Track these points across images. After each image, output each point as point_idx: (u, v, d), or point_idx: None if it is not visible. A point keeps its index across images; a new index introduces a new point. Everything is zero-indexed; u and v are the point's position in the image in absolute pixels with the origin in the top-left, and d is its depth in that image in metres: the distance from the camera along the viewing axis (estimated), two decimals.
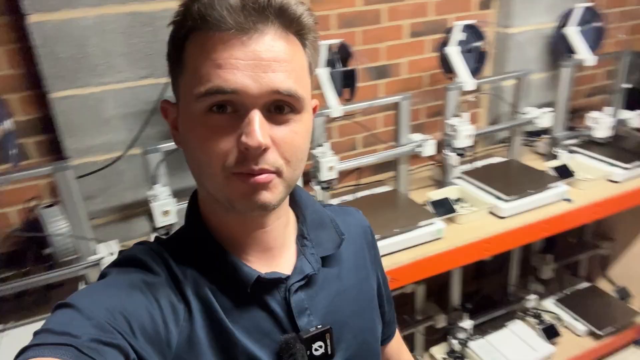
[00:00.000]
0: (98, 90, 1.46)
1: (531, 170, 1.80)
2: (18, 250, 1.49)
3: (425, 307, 2.01)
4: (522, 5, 2.03)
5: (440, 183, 1.83)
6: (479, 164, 1.94)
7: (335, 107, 1.51)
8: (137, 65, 1.49)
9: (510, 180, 1.76)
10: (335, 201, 1.70)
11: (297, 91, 0.54)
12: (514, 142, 1.90)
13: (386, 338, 0.86)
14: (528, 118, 1.82)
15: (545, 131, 1.99)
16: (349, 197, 1.75)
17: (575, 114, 2.18)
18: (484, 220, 1.60)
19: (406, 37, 1.97)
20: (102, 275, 0.57)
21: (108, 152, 1.53)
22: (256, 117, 0.52)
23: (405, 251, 1.47)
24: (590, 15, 1.93)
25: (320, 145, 1.49)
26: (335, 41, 1.51)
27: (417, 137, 1.65)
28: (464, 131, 1.62)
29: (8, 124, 1.18)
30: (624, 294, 2.21)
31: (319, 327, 0.62)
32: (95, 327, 0.47)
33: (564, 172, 1.75)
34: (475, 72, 1.73)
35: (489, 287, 2.18)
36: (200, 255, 0.60)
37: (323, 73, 1.53)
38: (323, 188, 1.50)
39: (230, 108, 0.53)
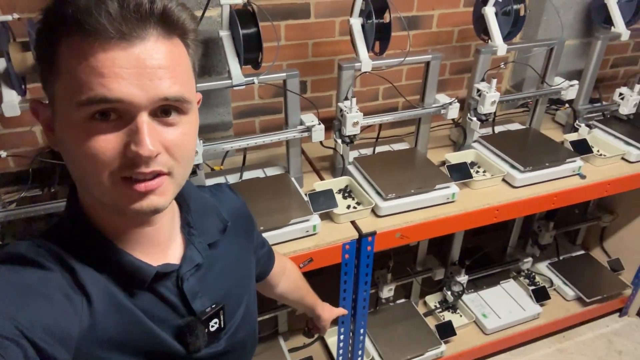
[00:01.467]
0: None
1: (550, 142, 1.81)
2: (46, 169, 1.52)
3: (426, 259, 2.09)
4: None
5: (458, 145, 1.84)
6: (498, 128, 1.94)
7: (366, 61, 1.49)
8: None
9: (528, 150, 1.77)
10: (354, 154, 1.72)
11: (184, 95, 0.54)
12: (537, 111, 1.89)
13: (268, 268, 0.99)
14: (554, 89, 1.80)
15: (568, 101, 1.97)
16: (367, 151, 1.77)
17: (598, 85, 2.15)
18: (497, 187, 1.64)
19: None
20: None
21: None
22: (144, 124, 0.51)
23: (418, 211, 1.51)
24: None
25: (347, 99, 1.49)
26: None
27: (443, 98, 1.64)
28: (490, 97, 1.61)
29: None
30: (616, 265, 2.30)
31: (213, 306, 0.67)
32: None
33: (583, 148, 1.76)
34: (509, 36, 1.68)
35: (488, 245, 2.26)
36: (90, 250, 0.59)
37: (355, 24, 1.49)
38: (345, 142, 1.52)
39: (115, 115, 0.51)
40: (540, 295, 2.15)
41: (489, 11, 1.64)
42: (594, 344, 2.18)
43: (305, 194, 1.45)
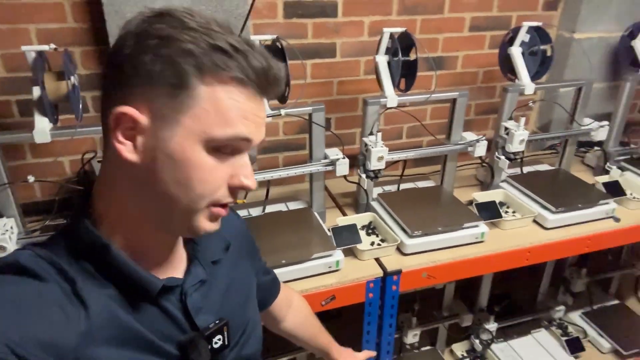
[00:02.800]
0: None
1: (581, 183, 1.75)
2: (71, 199, 1.53)
3: (453, 304, 2.00)
4: (590, 11, 1.95)
5: (485, 184, 1.80)
6: (527, 169, 1.90)
7: (392, 96, 1.49)
8: None
9: (559, 191, 1.72)
10: (377, 190, 1.70)
11: None
12: (566, 152, 1.85)
13: (271, 297, 1.00)
14: (584, 129, 1.76)
15: (597, 143, 1.93)
16: (391, 188, 1.74)
17: (629, 128, 2.11)
18: (527, 228, 1.58)
19: (466, 30, 1.92)
20: None
21: None
22: (248, 160, 0.61)
23: (445, 250, 1.46)
24: None
25: (372, 134, 1.48)
26: (398, 29, 1.47)
27: (470, 136, 1.62)
28: (518, 136, 1.59)
29: (75, 79, 1.19)
30: None
31: (216, 322, 0.68)
32: None
33: (615, 190, 1.70)
34: (536, 76, 1.68)
35: (517, 292, 2.16)
36: (97, 261, 0.59)
37: (381, 61, 1.51)
38: (369, 177, 1.49)
39: (228, 149, 0.58)
40: (575, 346, 2.02)
41: (516, 51, 1.65)
42: None
43: (328, 229, 1.42)
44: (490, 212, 1.55)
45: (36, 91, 1.16)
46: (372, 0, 1.73)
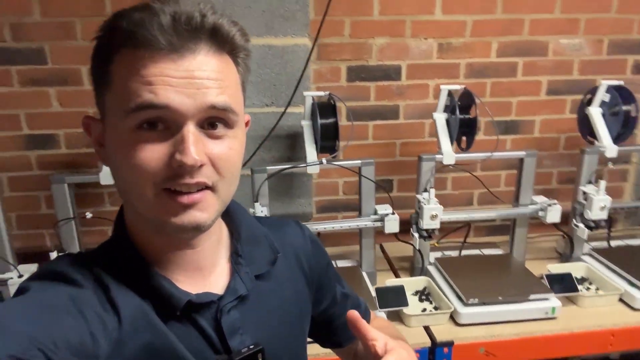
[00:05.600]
0: None
1: None
2: None
3: None
4: None
5: (565, 257, 1.60)
6: (616, 243, 1.67)
7: (448, 153, 1.43)
8: (263, 94, 1.58)
9: None
10: (435, 254, 1.59)
11: (231, 105, 0.53)
12: None
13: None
14: None
15: None
16: (452, 253, 1.62)
17: None
18: (611, 308, 1.35)
19: (543, 94, 1.82)
20: (21, 290, 0.52)
21: None
22: (190, 134, 0.51)
23: (508, 324, 1.29)
24: None
25: (425, 191, 1.41)
26: (456, 87, 1.44)
27: (541, 199, 1.48)
28: (598, 201, 1.41)
29: None
30: None
31: (251, 347, 0.60)
32: (15, 343, 0.44)
33: None
34: (620, 138, 1.52)
35: None
36: (128, 271, 0.57)
37: (439, 118, 1.47)
38: (422, 237, 1.41)
39: (162, 125, 0.52)
40: None
41: (594, 111, 1.52)
42: None
43: (375, 290, 1.33)
44: (565, 284, 1.36)
45: None
46: (438, 64, 1.74)
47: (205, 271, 0.62)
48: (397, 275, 1.54)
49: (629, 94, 1.49)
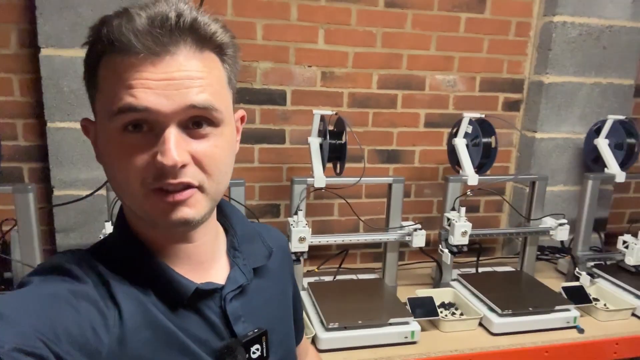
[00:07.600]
0: None
1: (538, 286, 1.58)
2: None
3: None
4: (550, 112, 1.92)
5: (436, 282, 1.64)
6: (484, 269, 1.74)
7: (319, 177, 1.44)
8: None
9: (510, 292, 1.55)
10: (308, 279, 1.57)
11: (213, 103, 0.54)
12: (526, 252, 1.71)
13: (297, 341, 0.88)
14: (540, 228, 1.64)
15: (567, 248, 1.78)
16: (327, 278, 1.62)
17: (615, 239, 1.95)
18: (471, 332, 1.39)
19: (421, 125, 1.91)
20: (23, 283, 0.54)
21: (92, 188, 1.51)
22: (171, 135, 0.53)
23: (368, 349, 1.28)
24: (626, 129, 1.78)
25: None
26: (328, 112, 1.47)
27: (408, 224, 1.52)
28: (459, 227, 1.48)
29: None
30: None
31: (255, 330, 0.65)
32: (17, 335, 0.45)
33: (579, 296, 1.51)
34: (482, 167, 1.61)
35: None
36: (133, 263, 0.60)
37: (313, 142, 1.48)
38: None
39: (146, 127, 0.54)
40: None
41: (459, 142, 1.61)
42: None
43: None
44: (426, 309, 1.37)
45: None
46: (322, 92, 1.77)
47: (206, 264, 0.65)
48: None
49: (489, 127, 1.59)
